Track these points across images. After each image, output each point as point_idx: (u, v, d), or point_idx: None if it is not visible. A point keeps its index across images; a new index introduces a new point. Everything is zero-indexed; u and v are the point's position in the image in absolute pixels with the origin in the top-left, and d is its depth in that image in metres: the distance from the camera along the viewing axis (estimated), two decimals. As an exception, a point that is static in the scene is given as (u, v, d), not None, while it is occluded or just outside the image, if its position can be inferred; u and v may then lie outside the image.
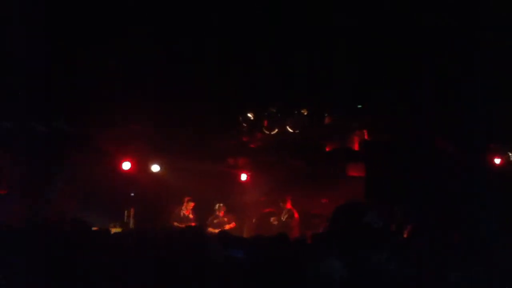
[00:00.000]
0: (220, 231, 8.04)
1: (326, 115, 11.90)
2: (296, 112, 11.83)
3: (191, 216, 11.52)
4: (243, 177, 12.84)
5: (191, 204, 11.57)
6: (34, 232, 4.03)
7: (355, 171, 11.23)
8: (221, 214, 11.73)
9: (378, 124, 10.82)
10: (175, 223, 11.00)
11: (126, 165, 11.75)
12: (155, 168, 12.07)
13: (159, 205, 11.59)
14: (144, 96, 10.11)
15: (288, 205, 11.20)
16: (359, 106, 11.57)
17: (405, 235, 6.79)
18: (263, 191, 12.23)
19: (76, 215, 7.75)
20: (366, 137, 11.39)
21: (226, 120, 11.76)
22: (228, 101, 11.12)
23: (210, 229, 11.11)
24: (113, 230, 9.30)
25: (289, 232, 9.11)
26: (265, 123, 12.04)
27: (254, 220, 12.05)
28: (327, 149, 11.90)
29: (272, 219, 11.15)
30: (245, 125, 12.07)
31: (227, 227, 11.24)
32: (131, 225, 11.41)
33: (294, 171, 11.90)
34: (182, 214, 11.40)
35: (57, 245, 3.90)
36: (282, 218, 11.06)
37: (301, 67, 10.65)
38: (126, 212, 11.56)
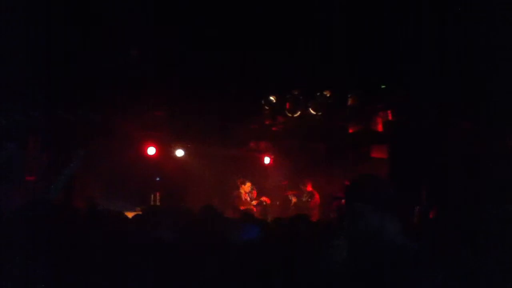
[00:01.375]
0: (243, 215, 8.16)
1: (349, 96, 11.62)
2: (318, 94, 11.59)
3: (248, 199, 11.73)
4: (266, 160, 12.88)
5: (248, 185, 11.71)
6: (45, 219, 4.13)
7: (379, 153, 11.05)
8: (253, 195, 11.96)
9: (402, 105, 10.52)
10: (242, 207, 11.21)
11: (151, 150, 12.07)
12: (180, 152, 12.35)
13: (183, 189, 11.82)
14: (167, 84, 10.20)
15: (309, 188, 11.20)
16: (383, 87, 11.25)
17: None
18: (286, 175, 12.26)
19: (99, 202, 8.11)
20: (390, 118, 11.14)
21: (248, 104, 11.72)
22: (250, 85, 11.06)
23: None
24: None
25: (308, 212, 9.13)
26: (287, 105, 11.93)
27: (277, 203, 12.13)
28: (350, 131, 11.73)
29: (290, 194, 11.21)
30: (267, 108, 11.99)
31: (254, 202, 11.61)
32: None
33: (317, 154, 11.82)
34: (243, 197, 11.61)
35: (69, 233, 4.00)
36: (302, 199, 11.11)
37: (324, 47, 10.39)
38: (152, 196, 11.90)
